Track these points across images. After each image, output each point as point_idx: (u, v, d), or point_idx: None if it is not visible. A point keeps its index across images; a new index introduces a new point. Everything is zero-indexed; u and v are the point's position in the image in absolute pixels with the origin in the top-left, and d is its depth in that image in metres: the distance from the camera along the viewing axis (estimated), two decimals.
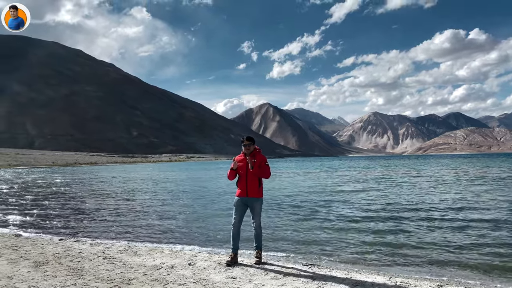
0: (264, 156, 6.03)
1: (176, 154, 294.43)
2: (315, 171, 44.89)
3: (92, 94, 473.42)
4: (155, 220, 11.19)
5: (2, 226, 10.70)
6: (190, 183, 28.96)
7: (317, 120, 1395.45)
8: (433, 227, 9.04)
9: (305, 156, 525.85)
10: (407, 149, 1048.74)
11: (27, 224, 11.10)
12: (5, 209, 14.66)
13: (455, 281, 5.32)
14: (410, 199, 14.45)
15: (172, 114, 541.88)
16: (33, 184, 30.60)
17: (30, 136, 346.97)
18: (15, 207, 15.26)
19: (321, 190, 19.19)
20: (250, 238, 6.63)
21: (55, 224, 10.97)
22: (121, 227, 10.17)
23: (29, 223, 11.27)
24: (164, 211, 13.03)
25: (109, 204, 15.40)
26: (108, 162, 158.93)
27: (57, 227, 10.48)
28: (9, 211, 14.03)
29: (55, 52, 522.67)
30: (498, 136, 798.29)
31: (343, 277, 5.24)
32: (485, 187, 18.86)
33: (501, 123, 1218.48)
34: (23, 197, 19.46)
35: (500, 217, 10.11)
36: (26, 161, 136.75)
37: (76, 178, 39.78)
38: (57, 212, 13.43)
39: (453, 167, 43.83)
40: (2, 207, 15.36)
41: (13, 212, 13.73)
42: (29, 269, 5.81)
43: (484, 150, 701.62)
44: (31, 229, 10.24)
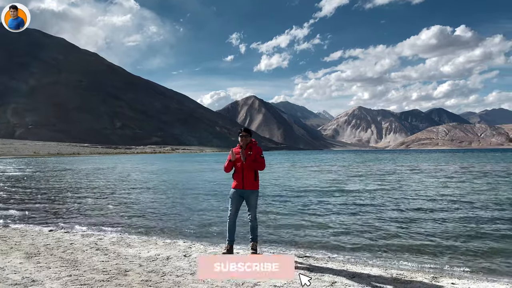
0: (260, 148, 6.02)
1: (160, 146, 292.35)
2: (308, 164, 45.10)
3: (75, 83, 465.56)
4: (146, 212, 11.10)
5: None
6: (178, 175, 28.81)
7: (303, 114, 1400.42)
8: (428, 219, 9.18)
9: (290, 149, 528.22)
10: (390, 143, 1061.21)
11: (14, 215, 10.89)
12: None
13: (449, 273, 5.42)
14: (404, 192, 14.65)
15: (157, 106, 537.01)
16: (16, 176, 30.07)
17: (11, 126, 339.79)
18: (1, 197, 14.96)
19: (314, 183, 19.31)
20: (243, 230, 6.62)
21: (43, 215, 10.80)
22: (111, 219, 10.05)
23: (16, 214, 11.06)
24: (155, 204, 12.93)
25: (97, 197, 15.22)
26: (91, 153, 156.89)
27: (44, 218, 10.31)
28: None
29: (37, 40, 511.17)
30: (479, 132, 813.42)
31: (339, 269, 5.29)
32: (483, 181, 19.21)
33: (482, 119, 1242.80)
34: (6, 189, 19.10)
35: (498, 211, 10.31)
36: (6, 151, 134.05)
37: (60, 169, 39.22)
38: (43, 204, 13.22)
39: (446, 162, 44.54)
40: None
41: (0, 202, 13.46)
42: (21, 260, 5.70)
43: (464, 146, 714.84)
44: (18, 220, 10.05)
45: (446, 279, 4.90)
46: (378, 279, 4.84)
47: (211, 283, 4.54)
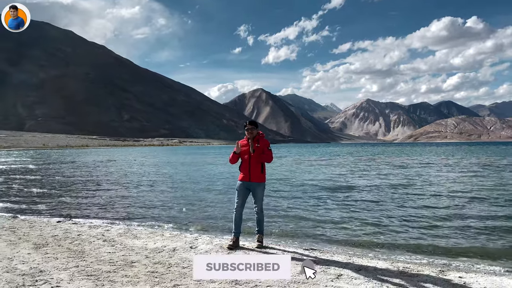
0: (268, 141, 5.99)
1: (168, 138, 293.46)
2: (314, 158, 45.03)
3: (83, 76, 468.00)
4: (153, 204, 11.17)
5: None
6: (184, 168, 28.91)
7: (310, 107, 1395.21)
8: (436, 214, 9.10)
9: (297, 142, 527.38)
10: (398, 136, 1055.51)
11: (23, 206, 11.01)
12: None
13: (457, 267, 5.38)
14: (413, 186, 14.56)
15: (165, 98, 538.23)
16: (24, 168, 30.38)
17: (21, 118, 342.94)
18: (9, 189, 15.13)
19: (320, 177, 19.27)
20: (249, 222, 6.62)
21: (51, 206, 10.91)
22: (118, 210, 10.12)
23: (24, 206, 11.18)
24: (162, 196, 13.00)
25: (105, 189, 15.33)
26: (100, 145, 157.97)
27: (52, 209, 10.41)
28: (5, 193, 13.91)
29: (46, 33, 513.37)
30: (488, 125, 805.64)
31: (345, 262, 5.26)
32: (496, 176, 19.04)
33: (492, 112, 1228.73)
34: (17, 180, 19.31)
35: (508, 207, 10.19)
36: (16, 143, 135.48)
37: (69, 161, 39.55)
38: (52, 196, 13.35)
39: (457, 156, 44.20)
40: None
41: (8, 194, 13.61)
42: (29, 250, 5.75)
43: (474, 139, 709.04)
44: (27, 211, 10.16)
45: (453, 273, 4.86)
46: (384, 272, 4.81)
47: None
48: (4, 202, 11.77)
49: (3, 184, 16.93)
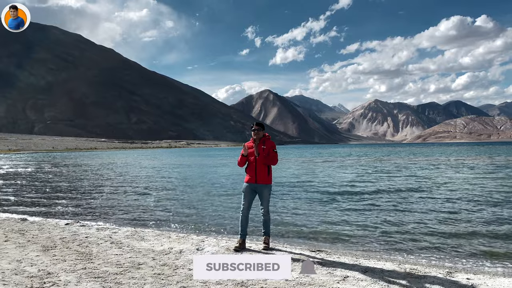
0: (273, 143, 5.99)
1: (176, 140, 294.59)
2: (321, 159, 44.92)
3: (91, 79, 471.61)
4: (160, 206, 11.22)
5: (7, 212, 10.72)
6: (191, 170, 28.99)
7: (318, 108, 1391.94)
8: (444, 216, 9.03)
9: (304, 143, 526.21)
10: (406, 137, 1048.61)
11: (32, 209, 11.12)
12: (7, 193, 14.68)
13: (464, 268, 5.33)
14: (421, 188, 14.48)
15: (172, 100, 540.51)
16: (33, 171, 30.66)
17: (30, 121, 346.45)
18: (18, 191, 15.29)
19: (327, 179, 19.22)
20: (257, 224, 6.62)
21: (59, 209, 11.00)
22: (126, 213, 10.18)
23: (34, 208, 11.29)
24: (168, 198, 13.05)
25: (112, 191, 15.43)
26: (108, 148, 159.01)
27: (61, 212, 10.50)
28: (14, 196, 14.06)
29: (54, 37, 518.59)
30: (498, 125, 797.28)
31: (352, 263, 5.24)
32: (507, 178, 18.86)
33: (502, 112, 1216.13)
34: (29, 182, 19.50)
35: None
36: (26, 146, 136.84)
37: (77, 164, 39.87)
38: (61, 199, 13.46)
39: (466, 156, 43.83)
40: (5, 190, 15.39)
41: (19, 196, 13.76)
42: (38, 253, 5.81)
43: (483, 139, 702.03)
44: (36, 213, 10.26)
45: (461, 274, 4.82)
46: (391, 274, 4.79)
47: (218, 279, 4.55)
48: (14, 205, 11.91)
49: (13, 187, 17.13)
